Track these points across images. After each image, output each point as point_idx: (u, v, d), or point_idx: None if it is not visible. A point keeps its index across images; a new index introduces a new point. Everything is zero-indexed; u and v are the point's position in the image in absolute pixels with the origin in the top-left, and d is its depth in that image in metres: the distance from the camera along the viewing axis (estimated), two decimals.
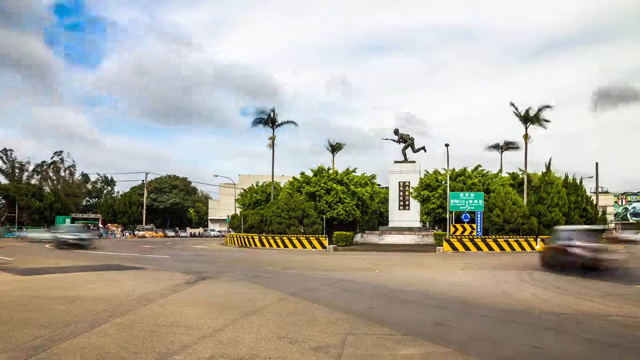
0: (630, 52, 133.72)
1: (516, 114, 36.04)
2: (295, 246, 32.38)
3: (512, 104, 36.18)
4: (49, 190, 71.40)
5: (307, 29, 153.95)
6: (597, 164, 53.07)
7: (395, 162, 42.66)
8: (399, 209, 41.30)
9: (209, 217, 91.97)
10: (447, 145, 33.58)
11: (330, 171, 41.22)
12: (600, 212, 41.23)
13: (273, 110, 42.41)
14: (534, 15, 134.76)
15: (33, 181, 74.59)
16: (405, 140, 43.55)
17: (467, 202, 30.77)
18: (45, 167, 76.96)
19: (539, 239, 30.14)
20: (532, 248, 29.36)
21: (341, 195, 38.01)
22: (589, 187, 50.68)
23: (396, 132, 44.04)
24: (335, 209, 37.73)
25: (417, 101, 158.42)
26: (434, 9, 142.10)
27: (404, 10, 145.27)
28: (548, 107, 35.80)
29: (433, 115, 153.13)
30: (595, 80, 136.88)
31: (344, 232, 35.60)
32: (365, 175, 42.52)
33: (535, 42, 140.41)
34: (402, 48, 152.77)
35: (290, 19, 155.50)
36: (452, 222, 31.29)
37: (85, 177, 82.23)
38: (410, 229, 39.01)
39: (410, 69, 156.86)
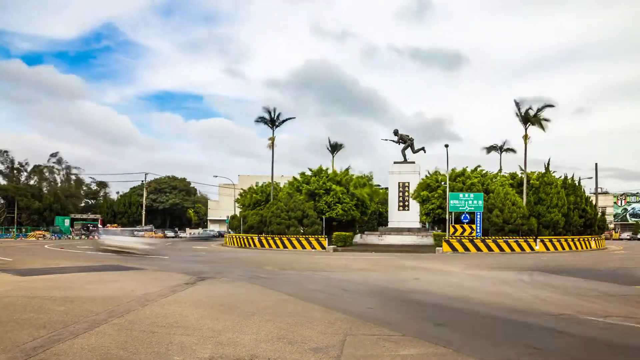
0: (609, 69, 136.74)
1: (517, 114, 36.06)
2: (294, 247, 32.37)
3: (516, 103, 36.07)
4: (47, 191, 71.29)
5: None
6: (596, 164, 53.25)
7: (395, 162, 42.67)
8: (399, 210, 41.30)
9: (208, 218, 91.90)
10: (446, 145, 33.59)
11: (330, 171, 41.21)
12: (599, 213, 41.23)
13: (274, 110, 42.32)
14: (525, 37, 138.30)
15: (32, 182, 74.47)
16: (405, 141, 43.57)
17: (466, 202, 30.77)
18: (41, 168, 76.80)
19: (538, 240, 30.16)
20: (532, 249, 29.37)
21: (340, 196, 37.98)
22: (588, 187, 50.81)
23: (396, 132, 44.06)
24: (335, 210, 37.70)
25: (416, 103, 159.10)
26: (429, 38, 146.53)
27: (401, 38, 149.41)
28: (550, 106, 35.75)
29: (432, 117, 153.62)
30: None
31: (344, 233, 35.58)
32: (364, 175, 42.55)
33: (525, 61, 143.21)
34: (401, 66, 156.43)
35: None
36: (451, 223, 31.29)
37: (79, 180, 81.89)
38: (409, 230, 39.02)
39: (409, 80, 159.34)
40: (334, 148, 51.51)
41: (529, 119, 35.67)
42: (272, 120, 41.95)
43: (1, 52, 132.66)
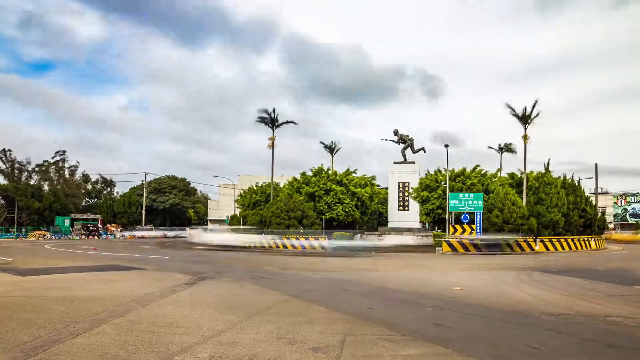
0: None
1: (515, 115, 36.06)
2: (294, 247, 32.36)
3: (510, 107, 36.14)
4: (48, 191, 71.30)
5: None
6: (596, 164, 53.32)
7: (395, 162, 42.69)
8: (399, 210, 41.33)
9: (208, 218, 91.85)
10: (446, 145, 33.71)
11: (330, 172, 41.19)
12: (599, 213, 41.23)
13: (273, 111, 42.30)
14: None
15: (32, 181, 74.50)
16: (405, 141, 43.60)
17: (466, 202, 30.77)
18: (45, 166, 76.88)
19: (538, 240, 30.17)
20: (532, 249, 29.37)
21: (340, 196, 37.99)
22: (588, 187, 50.84)
23: (395, 132, 44.07)
24: (335, 210, 37.72)
25: (416, 106, 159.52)
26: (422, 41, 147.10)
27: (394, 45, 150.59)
28: (545, 106, 35.89)
29: (434, 118, 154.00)
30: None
31: (344, 233, 35.59)
32: (365, 176, 42.53)
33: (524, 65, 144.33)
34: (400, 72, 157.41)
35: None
36: (451, 223, 31.29)
37: (86, 177, 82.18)
38: (409, 230, 39.04)
39: (407, 83, 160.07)
40: (332, 149, 51.49)
41: (527, 118, 35.69)
42: (272, 121, 41.95)
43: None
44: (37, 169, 76.32)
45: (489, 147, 50.66)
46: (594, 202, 41.13)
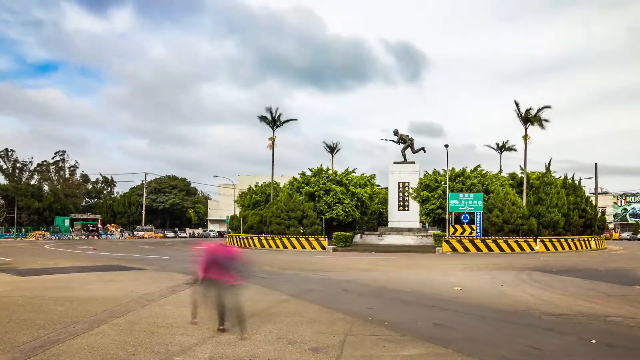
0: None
1: (517, 113, 35.99)
2: (294, 247, 32.36)
3: (516, 103, 35.99)
4: (48, 191, 71.30)
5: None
6: (596, 164, 53.36)
7: (395, 162, 42.66)
8: (399, 210, 41.31)
9: (208, 218, 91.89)
10: (446, 146, 33.66)
11: (330, 172, 41.17)
12: (599, 213, 41.23)
13: (275, 110, 42.04)
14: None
15: (33, 181, 74.51)
16: (405, 141, 43.57)
17: (466, 202, 30.76)
18: (45, 166, 76.92)
19: (538, 240, 30.17)
20: (532, 249, 29.37)
21: (340, 196, 37.97)
22: (588, 187, 50.87)
23: (396, 132, 44.05)
24: (335, 210, 37.70)
25: (417, 107, 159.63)
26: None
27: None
28: (547, 107, 35.76)
29: (435, 119, 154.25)
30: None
31: (344, 233, 35.56)
32: (364, 175, 42.48)
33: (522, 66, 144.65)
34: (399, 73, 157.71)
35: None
36: (451, 223, 31.28)
37: (85, 177, 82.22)
38: (409, 230, 39.02)
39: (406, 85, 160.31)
40: (333, 148, 51.50)
41: (529, 118, 35.64)
42: (273, 120, 41.87)
43: None
44: (38, 168, 76.40)
45: (487, 146, 50.39)
46: (594, 202, 41.13)
